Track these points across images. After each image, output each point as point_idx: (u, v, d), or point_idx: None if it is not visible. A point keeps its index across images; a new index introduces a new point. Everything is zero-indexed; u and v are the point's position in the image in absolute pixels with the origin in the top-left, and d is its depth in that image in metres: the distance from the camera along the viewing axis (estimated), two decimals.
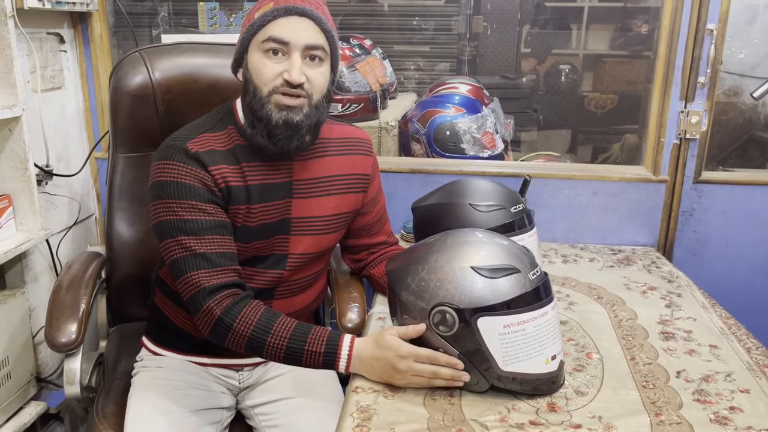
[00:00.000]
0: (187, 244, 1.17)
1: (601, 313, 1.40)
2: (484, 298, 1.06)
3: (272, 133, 1.19)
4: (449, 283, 1.08)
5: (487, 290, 1.07)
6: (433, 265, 1.11)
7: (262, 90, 1.18)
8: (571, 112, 3.79)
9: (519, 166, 1.84)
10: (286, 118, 1.18)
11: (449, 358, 1.07)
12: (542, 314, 1.08)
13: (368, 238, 1.47)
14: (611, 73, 3.88)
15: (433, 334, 1.09)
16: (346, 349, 1.12)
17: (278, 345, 1.13)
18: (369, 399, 1.08)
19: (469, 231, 1.18)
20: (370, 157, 1.41)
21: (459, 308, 1.06)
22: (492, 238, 1.15)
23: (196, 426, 1.27)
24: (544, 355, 1.08)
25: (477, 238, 1.14)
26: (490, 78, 3.99)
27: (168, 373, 1.34)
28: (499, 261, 1.09)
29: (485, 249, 1.11)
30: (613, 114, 3.60)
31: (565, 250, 1.78)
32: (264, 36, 1.17)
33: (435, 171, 1.81)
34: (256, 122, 1.20)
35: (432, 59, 3.94)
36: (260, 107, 1.18)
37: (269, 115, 1.18)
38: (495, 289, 1.07)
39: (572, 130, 3.75)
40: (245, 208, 1.24)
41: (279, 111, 1.18)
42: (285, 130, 1.19)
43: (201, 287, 1.15)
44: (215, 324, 1.15)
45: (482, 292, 1.06)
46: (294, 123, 1.19)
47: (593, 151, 3.52)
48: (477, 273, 1.08)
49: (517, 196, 1.49)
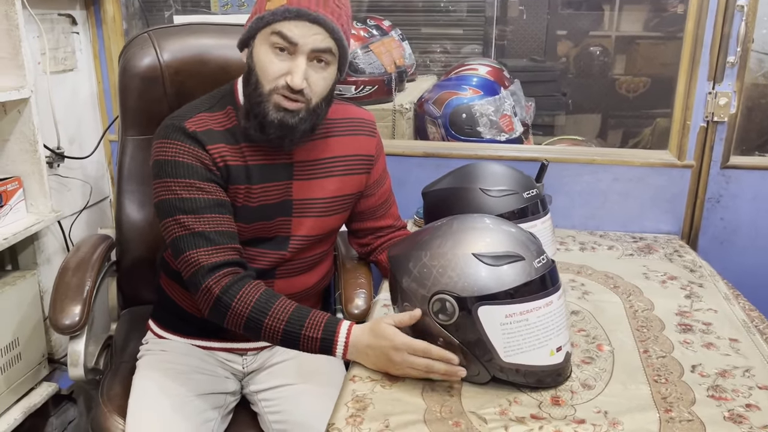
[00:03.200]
0: (185, 222, 1.15)
1: (615, 303, 1.35)
2: (486, 287, 1.02)
3: (265, 129, 1.17)
4: (452, 270, 1.04)
5: (490, 278, 1.02)
6: (436, 251, 1.07)
7: (263, 86, 1.15)
8: (602, 95, 3.68)
9: (537, 150, 1.78)
10: (282, 119, 1.16)
11: (442, 352, 1.03)
12: (547, 304, 1.03)
13: (373, 221, 1.44)
14: (645, 55, 3.76)
15: (434, 323, 1.05)
16: (343, 337, 1.10)
17: (275, 327, 1.11)
18: (366, 388, 1.05)
19: (476, 217, 1.14)
20: (373, 138, 1.38)
21: (459, 296, 1.02)
22: (499, 225, 1.10)
23: (200, 410, 1.26)
24: (548, 347, 1.04)
25: (484, 225, 1.10)
26: (518, 61, 3.90)
27: (172, 357, 1.33)
28: (503, 248, 1.04)
29: (490, 236, 1.07)
30: (646, 98, 3.48)
31: (584, 237, 1.72)
32: (274, 28, 1.13)
33: (449, 155, 1.77)
34: (252, 115, 1.18)
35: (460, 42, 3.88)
36: (258, 102, 1.16)
37: (266, 112, 1.16)
38: (498, 277, 1.03)
39: (602, 115, 3.65)
40: (245, 188, 1.22)
41: (276, 111, 1.15)
42: (279, 129, 1.17)
43: (200, 265, 1.13)
44: (214, 303, 1.13)
45: (485, 281, 1.02)
46: (289, 125, 1.16)
47: (623, 135, 3.42)
48: (479, 260, 1.03)
49: (530, 181, 1.43)
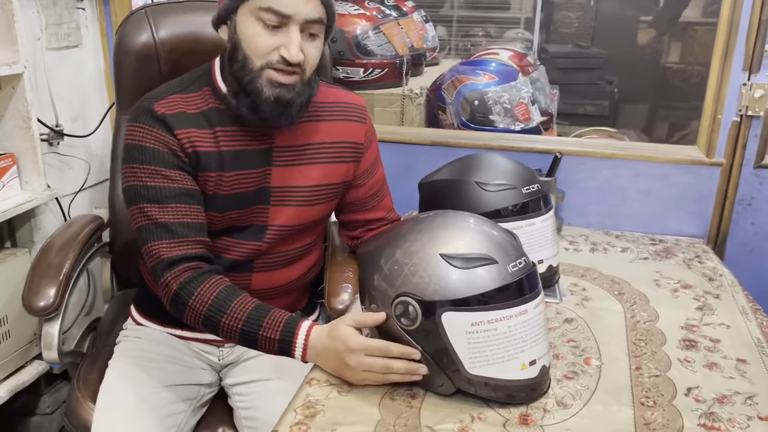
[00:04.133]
0: (149, 212, 1.10)
1: (616, 311, 1.24)
2: (453, 291, 0.93)
3: (259, 108, 1.10)
4: (423, 271, 0.96)
5: (461, 282, 0.94)
6: (409, 248, 0.98)
7: (253, 62, 1.08)
8: (652, 85, 3.49)
9: (552, 141, 1.66)
10: (279, 95, 1.09)
11: (402, 348, 0.95)
12: (520, 312, 0.94)
13: (363, 213, 1.36)
14: (703, 42, 3.53)
15: (397, 328, 0.97)
16: (302, 338, 1.03)
17: (233, 326, 1.05)
18: (321, 393, 0.98)
19: (461, 215, 1.05)
20: (363, 125, 1.30)
21: (423, 300, 0.94)
22: (480, 225, 1.01)
23: (168, 401, 1.21)
24: (519, 360, 0.94)
25: (465, 224, 1.01)
26: (562, 47, 3.73)
27: (146, 345, 1.29)
28: (476, 250, 0.95)
29: (467, 236, 0.98)
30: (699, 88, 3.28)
31: (598, 237, 1.60)
32: (261, 4, 1.06)
33: (458, 144, 1.67)
34: (243, 95, 1.11)
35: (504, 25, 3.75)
36: (250, 80, 1.09)
37: (259, 90, 1.09)
38: (469, 281, 0.94)
39: (650, 105, 3.46)
40: (216, 175, 1.16)
41: (271, 87, 1.09)
42: (275, 107, 1.10)
43: (160, 259, 1.09)
44: (172, 299, 1.08)
45: (455, 284, 0.94)
46: (286, 101, 1.10)
47: (669, 128, 3.23)
48: (447, 262, 0.95)
49: (533, 175, 1.33)
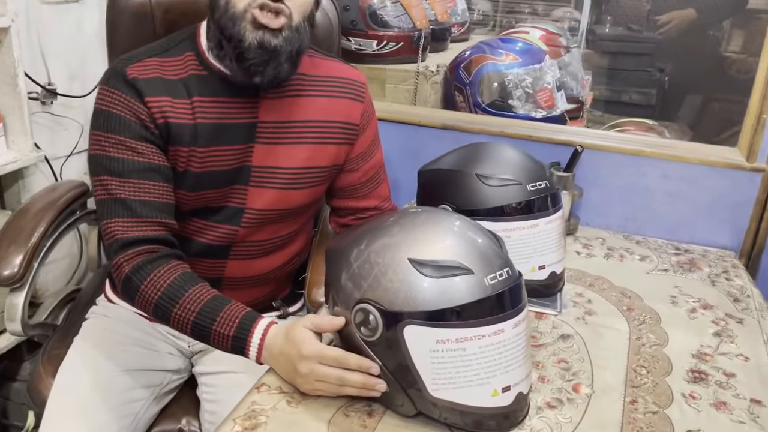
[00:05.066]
0: (109, 186, 1.02)
1: (620, 330, 1.10)
2: (419, 301, 0.82)
3: (243, 56, 0.99)
4: (393, 274, 0.85)
5: (429, 292, 0.82)
6: (383, 246, 0.87)
7: (236, 5, 0.98)
8: (707, 75, 3.25)
9: (574, 133, 1.51)
10: (262, 39, 0.98)
11: (360, 360, 0.85)
12: (495, 332, 0.82)
13: (355, 201, 1.25)
14: None
15: (357, 338, 0.86)
16: (258, 337, 0.93)
17: (185, 318, 0.96)
18: (268, 402, 0.88)
19: (447, 215, 0.93)
20: (360, 103, 1.18)
21: (384, 309, 0.83)
22: (465, 228, 0.89)
23: (126, 387, 1.14)
24: (490, 385, 0.83)
25: (448, 225, 0.89)
26: (612, 29, 3.52)
27: (113, 325, 1.22)
28: (451, 256, 0.84)
29: (445, 239, 0.86)
30: None
31: (615, 241, 1.46)
32: None
33: (471, 129, 1.54)
34: (225, 43, 1.01)
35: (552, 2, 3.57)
36: (231, 24, 0.99)
37: (242, 34, 0.98)
38: (438, 292, 0.82)
39: (703, 98, 3.23)
40: (188, 150, 1.06)
41: (254, 30, 0.98)
42: (260, 53, 0.99)
43: (114, 238, 1.00)
44: (123, 282, 1.00)
45: (422, 294, 0.82)
46: (271, 47, 0.99)
47: (720, 124, 3.01)
48: (415, 268, 0.83)
49: (542, 171, 1.20)
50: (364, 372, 0.85)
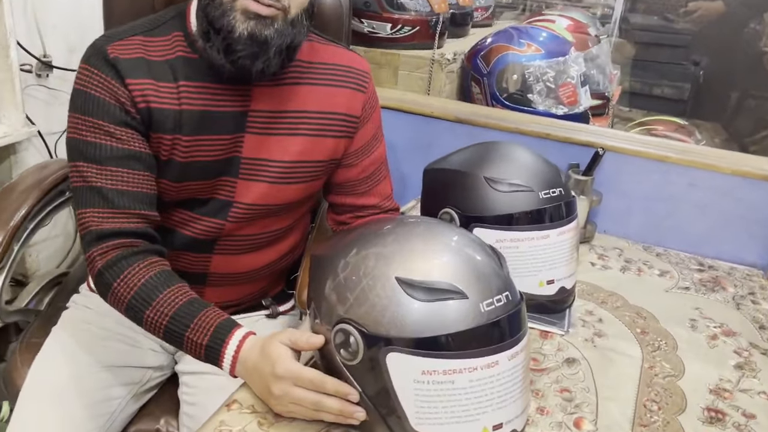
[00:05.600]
0: (84, 173, 0.94)
1: (632, 357, 1.01)
2: (404, 326, 0.73)
3: (231, 48, 0.92)
4: (382, 290, 0.76)
5: (417, 317, 0.74)
6: (369, 259, 0.79)
7: None
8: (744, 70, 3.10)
9: (595, 133, 1.41)
10: (253, 30, 0.90)
11: (338, 385, 0.77)
12: (488, 365, 0.74)
13: (354, 198, 1.17)
14: None
15: (337, 360, 0.79)
16: (232, 349, 0.86)
17: (158, 322, 0.89)
18: (237, 422, 0.81)
19: (447, 227, 0.84)
20: (362, 94, 1.09)
21: (366, 332, 0.75)
22: (464, 245, 0.80)
23: (103, 385, 1.08)
24: (480, 422, 0.75)
25: (445, 239, 0.80)
26: (648, 18, 3.37)
27: (94, 317, 1.16)
28: (445, 277, 0.75)
29: (441, 257, 0.78)
30: None
31: (634, 252, 1.36)
32: None
33: (486, 124, 1.44)
34: (213, 34, 0.93)
35: None
36: (221, 15, 0.91)
37: (232, 25, 0.90)
38: (426, 317, 0.74)
39: (740, 94, 3.07)
40: (172, 138, 0.98)
41: (245, 20, 0.90)
42: (249, 45, 0.91)
43: (88, 229, 0.93)
44: (96, 278, 0.93)
45: (408, 319, 0.74)
46: (262, 38, 0.91)
47: (755, 123, 2.86)
48: (403, 288, 0.75)
49: (556, 177, 1.10)
50: (341, 398, 0.78)
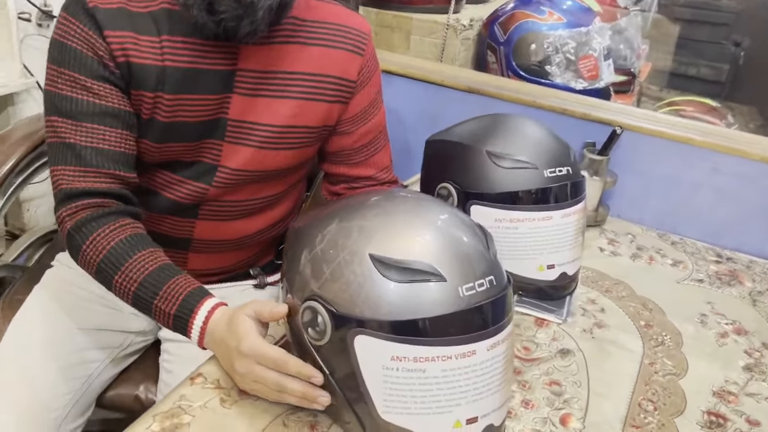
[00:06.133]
0: (59, 128, 0.89)
1: (632, 352, 0.95)
2: (374, 307, 0.68)
3: (214, 8, 0.85)
4: (358, 266, 0.71)
5: (389, 298, 0.68)
6: (350, 232, 0.73)
7: None
8: None
9: (615, 110, 1.32)
10: None
11: (301, 367, 0.72)
12: (464, 353, 0.68)
13: (348, 168, 1.10)
14: None
15: (305, 339, 0.73)
16: (201, 320, 0.81)
17: (126, 288, 0.85)
18: (199, 398, 0.77)
19: (438, 205, 0.78)
20: (359, 57, 1.02)
21: (334, 312, 0.69)
22: (451, 224, 0.73)
23: (80, 347, 1.05)
24: (453, 415, 0.69)
25: (432, 217, 0.74)
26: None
27: (75, 278, 1.11)
28: (423, 257, 0.69)
29: (424, 234, 0.71)
30: None
31: (647, 239, 1.28)
32: None
33: (499, 95, 1.36)
34: None
35: None
36: None
37: None
38: (400, 299, 0.68)
39: None
40: (153, 96, 0.92)
41: None
42: (234, 6, 0.84)
43: (59, 188, 0.89)
44: (66, 239, 0.89)
45: (380, 300, 0.68)
46: (247, 0, 0.84)
47: None
48: (376, 267, 0.69)
49: (565, 155, 1.03)
50: (304, 380, 0.73)
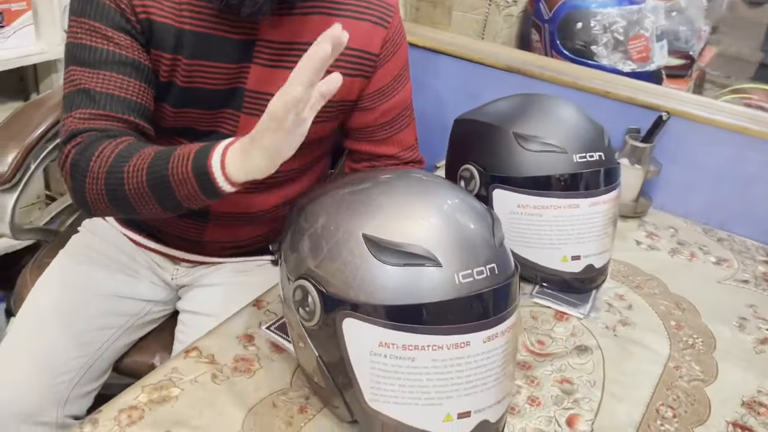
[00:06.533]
0: (75, 78, 0.87)
1: (657, 353, 0.88)
2: (365, 290, 0.65)
3: None
4: (355, 246, 0.67)
5: (381, 281, 0.65)
6: (354, 208, 0.70)
7: None
8: None
9: (662, 94, 1.23)
10: None
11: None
12: (457, 344, 0.64)
13: (371, 145, 1.07)
14: None
15: (297, 319, 0.71)
16: (219, 153, 0.75)
17: (138, 177, 0.79)
18: (191, 372, 0.75)
19: (451, 189, 0.73)
20: (383, 29, 0.98)
21: (324, 292, 0.66)
22: (458, 209, 0.69)
23: (97, 314, 1.05)
24: (443, 408, 0.65)
25: (439, 201, 0.70)
26: None
27: (99, 243, 1.12)
28: (420, 240, 0.65)
29: (429, 217, 0.67)
30: None
31: (691, 234, 1.19)
32: None
33: (540, 75, 1.29)
34: None
35: None
36: None
37: None
38: (392, 283, 0.65)
39: None
40: (172, 58, 0.90)
41: None
42: None
43: (68, 129, 0.85)
44: (71, 170, 0.83)
45: (372, 282, 0.65)
46: None
47: None
48: (368, 248, 0.66)
49: (599, 139, 0.97)
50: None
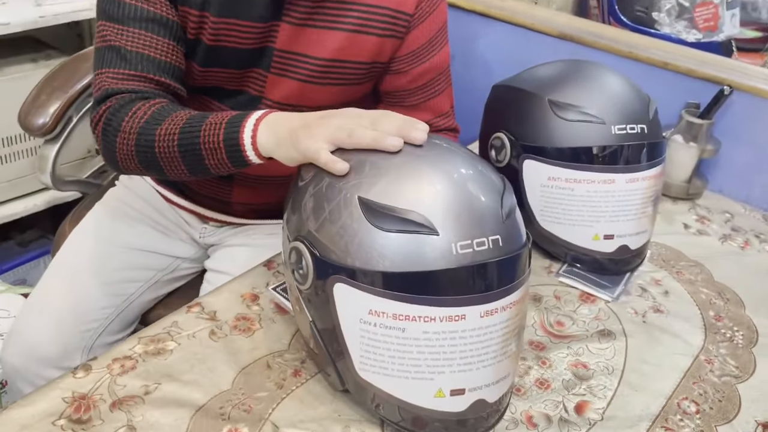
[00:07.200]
0: (104, 33, 0.88)
1: (689, 344, 0.81)
2: (357, 255, 0.62)
3: None
4: (356, 209, 0.64)
5: (375, 247, 0.62)
6: (361, 171, 0.66)
7: None
8: None
9: (726, 66, 1.12)
10: None
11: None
12: (452, 317, 0.60)
13: (403, 111, 0.99)
14: None
15: (294, 282, 0.68)
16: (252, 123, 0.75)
17: (170, 142, 0.79)
18: (191, 326, 0.74)
19: (468, 158, 0.68)
20: None
21: (317, 255, 0.64)
22: (470, 179, 0.65)
23: (124, 266, 1.07)
24: (434, 383, 0.62)
25: (448, 167, 0.65)
26: None
27: (132, 198, 1.14)
28: (420, 206, 0.61)
29: (435, 184, 0.63)
30: None
31: (747, 221, 1.10)
32: None
33: (595, 44, 1.20)
34: None
35: None
36: None
37: None
38: (386, 249, 0.61)
39: None
40: (199, 14, 0.89)
41: None
42: None
43: (102, 88, 0.85)
44: (103, 130, 0.84)
45: (367, 245, 0.62)
46: None
47: None
48: (362, 212, 0.62)
49: (642, 111, 0.91)
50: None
